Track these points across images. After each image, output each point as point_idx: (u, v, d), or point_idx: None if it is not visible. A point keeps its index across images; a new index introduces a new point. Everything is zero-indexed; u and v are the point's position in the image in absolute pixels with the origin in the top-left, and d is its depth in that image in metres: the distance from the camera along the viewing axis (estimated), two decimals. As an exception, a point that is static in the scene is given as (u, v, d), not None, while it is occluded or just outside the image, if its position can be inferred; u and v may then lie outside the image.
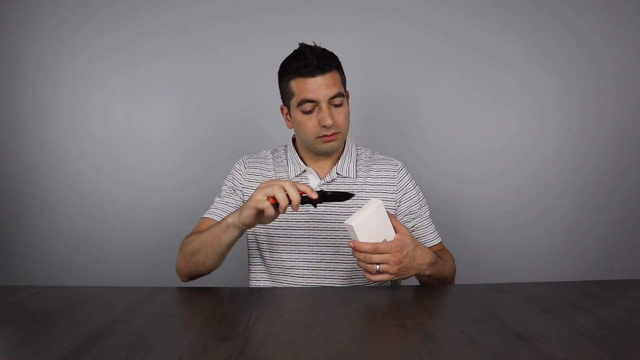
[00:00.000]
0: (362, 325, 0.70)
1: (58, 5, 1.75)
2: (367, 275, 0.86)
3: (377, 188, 1.08)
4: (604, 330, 0.66)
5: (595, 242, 1.79)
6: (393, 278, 0.87)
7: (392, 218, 0.87)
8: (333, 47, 1.05)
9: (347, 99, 1.07)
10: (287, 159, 1.12)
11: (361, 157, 1.13)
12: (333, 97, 0.99)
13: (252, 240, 1.12)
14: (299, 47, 1.02)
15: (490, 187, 1.79)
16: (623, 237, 1.78)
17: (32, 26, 1.76)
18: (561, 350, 0.59)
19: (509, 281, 0.98)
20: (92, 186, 1.79)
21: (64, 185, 1.79)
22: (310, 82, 0.98)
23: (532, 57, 1.76)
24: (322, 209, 1.05)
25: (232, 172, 1.14)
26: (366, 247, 0.83)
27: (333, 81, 0.99)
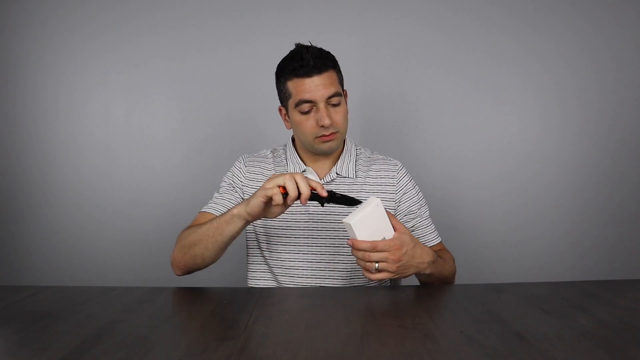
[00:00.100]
0: (362, 325, 0.70)
1: (58, 5, 1.75)
2: (367, 274, 0.86)
3: (377, 188, 1.08)
4: (604, 330, 0.66)
5: (595, 242, 1.79)
6: (392, 277, 0.86)
7: (391, 217, 0.87)
8: (333, 47, 1.05)
9: (345, 98, 1.07)
10: (287, 159, 1.12)
11: (360, 157, 1.13)
12: (330, 97, 0.99)
13: (252, 239, 1.12)
14: (295, 48, 1.02)
15: (490, 187, 1.79)
16: (623, 237, 1.78)
17: (32, 26, 1.76)
18: (561, 350, 0.59)
19: (509, 281, 0.98)
20: (92, 186, 1.79)
21: (64, 185, 1.80)
22: (307, 83, 0.98)
23: (532, 57, 1.76)
24: (321, 209, 1.05)
25: (232, 170, 1.14)
26: (365, 245, 0.83)
27: (330, 81, 0.99)
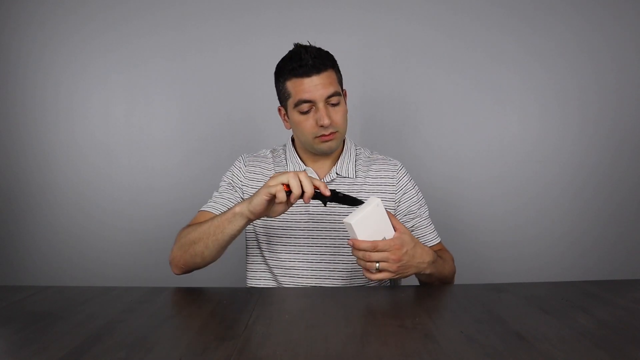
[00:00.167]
0: (362, 325, 0.70)
1: (58, 5, 1.75)
2: (367, 274, 0.86)
3: (377, 188, 1.08)
4: (604, 330, 0.66)
5: (595, 242, 1.79)
6: (393, 276, 0.86)
7: (391, 216, 0.87)
8: (333, 47, 1.05)
9: (345, 98, 1.06)
10: (287, 159, 1.12)
11: (360, 157, 1.13)
12: (330, 97, 0.99)
13: (252, 239, 1.11)
14: (294, 48, 1.02)
15: (490, 187, 1.79)
16: (623, 237, 1.78)
17: (32, 26, 1.76)
18: (561, 350, 0.59)
19: (509, 281, 0.98)
20: (92, 186, 1.79)
21: (64, 185, 1.80)
22: (306, 82, 0.98)
23: (532, 57, 1.76)
24: (321, 209, 1.05)
25: (232, 169, 1.13)
26: (365, 245, 0.83)
27: (329, 80, 0.99)
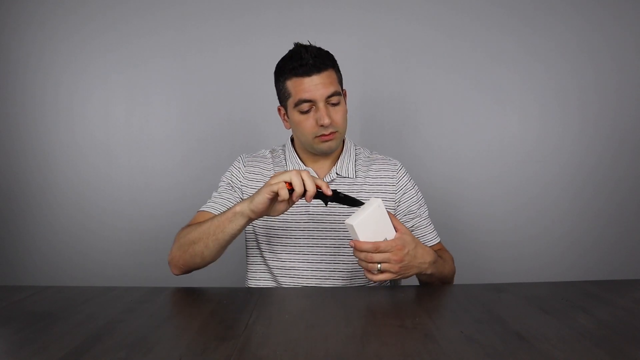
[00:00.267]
0: (362, 325, 0.70)
1: (58, 5, 1.75)
2: (369, 275, 0.86)
3: (377, 188, 1.08)
4: (604, 330, 0.66)
5: (595, 242, 1.79)
6: (395, 277, 0.86)
7: (392, 217, 0.87)
8: (333, 47, 1.05)
9: (345, 98, 1.06)
10: (286, 159, 1.11)
11: (360, 157, 1.13)
12: (330, 96, 0.99)
13: (252, 239, 1.11)
14: (294, 47, 1.02)
15: (490, 187, 1.79)
16: (623, 237, 1.78)
17: (32, 26, 1.76)
18: (561, 350, 0.59)
19: (509, 281, 0.98)
20: (92, 186, 1.79)
21: (64, 185, 1.79)
22: (306, 82, 0.98)
23: (532, 57, 1.76)
24: (321, 210, 1.05)
25: (231, 170, 1.13)
26: (367, 246, 0.83)
27: (329, 80, 0.99)
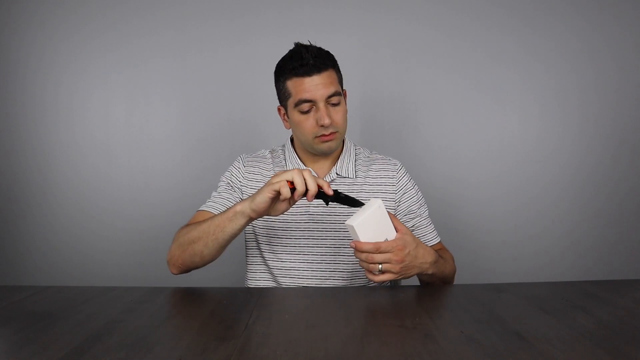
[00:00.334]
0: (362, 325, 0.70)
1: (58, 5, 1.75)
2: (370, 276, 0.86)
3: (377, 188, 1.08)
4: (604, 330, 0.66)
5: (595, 242, 1.79)
6: (396, 277, 0.86)
7: (393, 217, 0.87)
8: (333, 47, 1.05)
9: (345, 98, 1.06)
10: (286, 159, 1.11)
11: (360, 157, 1.13)
12: (330, 96, 0.99)
13: (252, 239, 1.11)
14: (295, 47, 1.01)
15: (490, 187, 1.79)
16: (623, 237, 1.78)
17: (32, 26, 1.76)
18: (561, 350, 0.59)
19: (509, 281, 0.98)
20: (92, 186, 1.79)
21: (64, 185, 1.79)
22: (306, 82, 0.98)
23: (532, 57, 1.76)
24: (322, 210, 1.05)
25: (231, 170, 1.13)
26: (368, 247, 0.83)
27: (330, 80, 0.99)
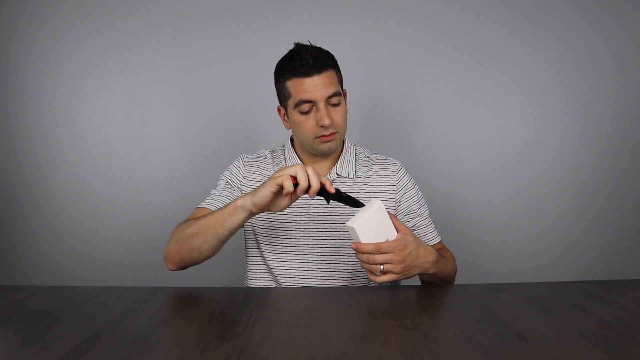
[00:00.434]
0: (362, 325, 0.70)
1: (58, 5, 1.75)
2: (372, 277, 0.85)
3: (377, 188, 1.08)
4: (604, 330, 0.66)
5: (595, 242, 1.79)
6: (398, 278, 0.86)
7: (393, 218, 0.86)
8: (333, 47, 1.05)
9: (345, 98, 1.06)
10: (286, 160, 1.11)
11: (360, 157, 1.13)
12: (330, 97, 0.99)
13: (251, 239, 1.11)
14: (294, 47, 1.01)
15: (490, 187, 1.79)
16: (623, 237, 1.78)
17: (32, 26, 1.76)
18: (561, 350, 0.59)
19: (509, 281, 0.98)
20: (92, 186, 1.79)
21: (64, 185, 1.79)
22: (306, 82, 0.97)
23: (532, 57, 1.76)
24: (322, 210, 1.05)
25: (230, 169, 1.13)
26: (369, 248, 0.83)
27: (330, 80, 0.99)
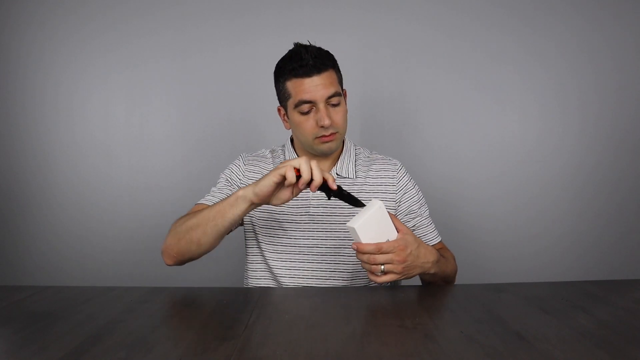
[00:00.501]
0: (362, 325, 0.70)
1: (58, 5, 1.75)
2: (373, 277, 0.85)
3: (377, 188, 1.08)
4: (604, 330, 0.66)
5: (595, 242, 1.79)
6: (399, 278, 0.86)
7: (394, 218, 0.86)
8: (333, 47, 1.05)
9: (345, 98, 1.06)
10: (286, 159, 1.11)
11: (360, 157, 1.13)
12: (330, 97, 0.98)
13: (252, 238, 1.11)
14: (294, 47, 1.01)
15: (490, 187, 1.79)
16: (623, 237, 1.78)
17: (32, 26, 1.76)
18: (561, 350, 0.59)
19: (509, 281, 0.98)
20: (92, 186, 1.79)
21: (64, 185, 1.79)
22: (306, 83, 0.97)
23: (532, 57, 1.76)
24: (322, 209, 1.05)
25: (231, 167, 1.13)
26: (369, 248, 0.82)
27: (330, 80, 0.99)
